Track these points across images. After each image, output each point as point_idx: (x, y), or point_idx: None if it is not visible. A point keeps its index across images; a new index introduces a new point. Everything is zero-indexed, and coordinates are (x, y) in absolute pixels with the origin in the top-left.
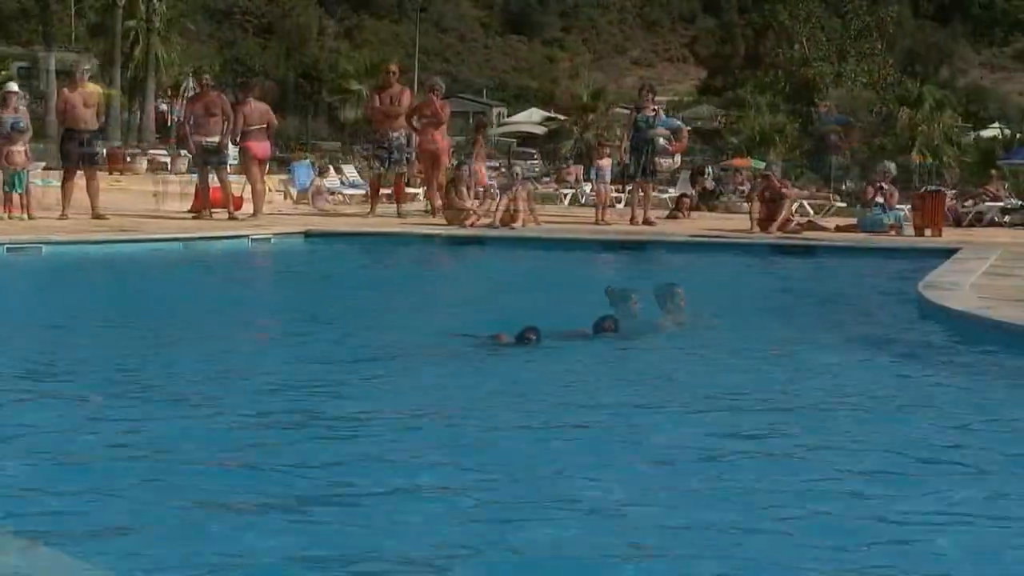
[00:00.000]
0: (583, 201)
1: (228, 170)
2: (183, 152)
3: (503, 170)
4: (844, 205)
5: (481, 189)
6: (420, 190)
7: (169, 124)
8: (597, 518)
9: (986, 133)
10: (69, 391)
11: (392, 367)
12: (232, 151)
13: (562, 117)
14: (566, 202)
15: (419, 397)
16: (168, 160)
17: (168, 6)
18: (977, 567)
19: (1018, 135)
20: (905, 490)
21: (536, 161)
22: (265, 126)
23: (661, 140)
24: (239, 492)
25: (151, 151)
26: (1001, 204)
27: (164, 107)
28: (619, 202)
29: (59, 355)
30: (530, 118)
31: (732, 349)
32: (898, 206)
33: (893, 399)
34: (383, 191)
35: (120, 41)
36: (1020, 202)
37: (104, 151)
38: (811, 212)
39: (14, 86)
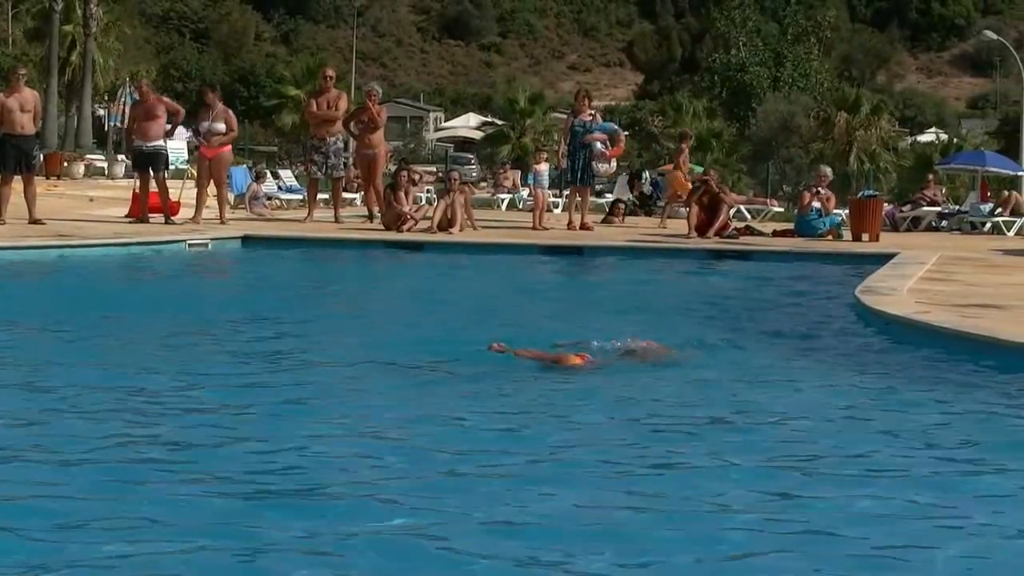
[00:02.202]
0: (520, 206)
1: (167, 174)
2: (120, 157)
3: (440, 175)
4: (781, 210)
5: (680, 203)
6: (358, 195)
7: (106, 129)
8: None
9: (923, 138)
10: None
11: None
12: (178, 155)
13: (499, 122)
14: (503, 207)
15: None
16: (105, 165)
17: (104, 11)
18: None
19: (955, 140)
20: (833, 491)
21: (473, 166)
22: None
23: (598, 145)
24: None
25: (88, 156)
26: (939, 209)
27: (101, 112)
28: (556, 207)
29: None
30: (467, 123)
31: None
32: (835, 211)
33: (828, 403)
34: (320, 196)
35: (57, 46)
36: (957, 207)
37: (41, 156)
38: (748, 217)
39: None
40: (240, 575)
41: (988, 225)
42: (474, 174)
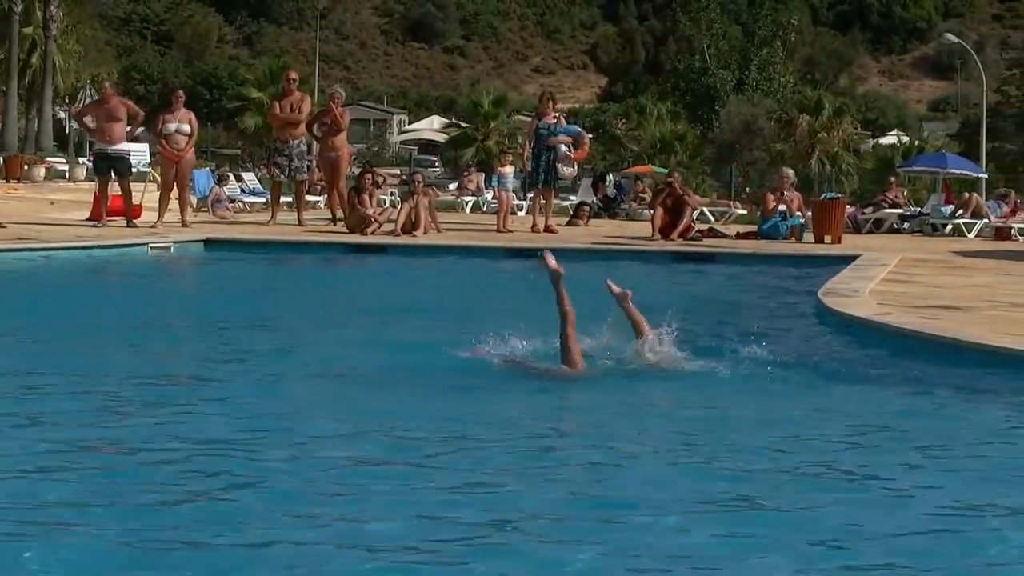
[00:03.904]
0: (484, 209)
1: (131, 177)
2: (81, 160)
3: (404, 178)
4: (745, 212)
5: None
6: (321, 198)
7: (67, 132)
8: None
9: (885, 140)
10: None
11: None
12: (140, 158)
13: (463, 125)
14: (467, 209)
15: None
16: (66, 168)
17: (65, 13)
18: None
19: (916, 142)
20: (801, 492)
21: (438, 169)
22: None
23: (563, 147)
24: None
25: (49, 159)
26: (900, 211)
27: (62, 115)
28: (520, 209)
29: None
30: (431, 125)
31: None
32: (798, 213)
33: (790, 404)
34: (284, 199)
35: (17, 48)
36: (919, 209)
37: (1, 159)
38: (712, 219)
39: None
40: None
41: (949, 227)
42: (438, 176)
